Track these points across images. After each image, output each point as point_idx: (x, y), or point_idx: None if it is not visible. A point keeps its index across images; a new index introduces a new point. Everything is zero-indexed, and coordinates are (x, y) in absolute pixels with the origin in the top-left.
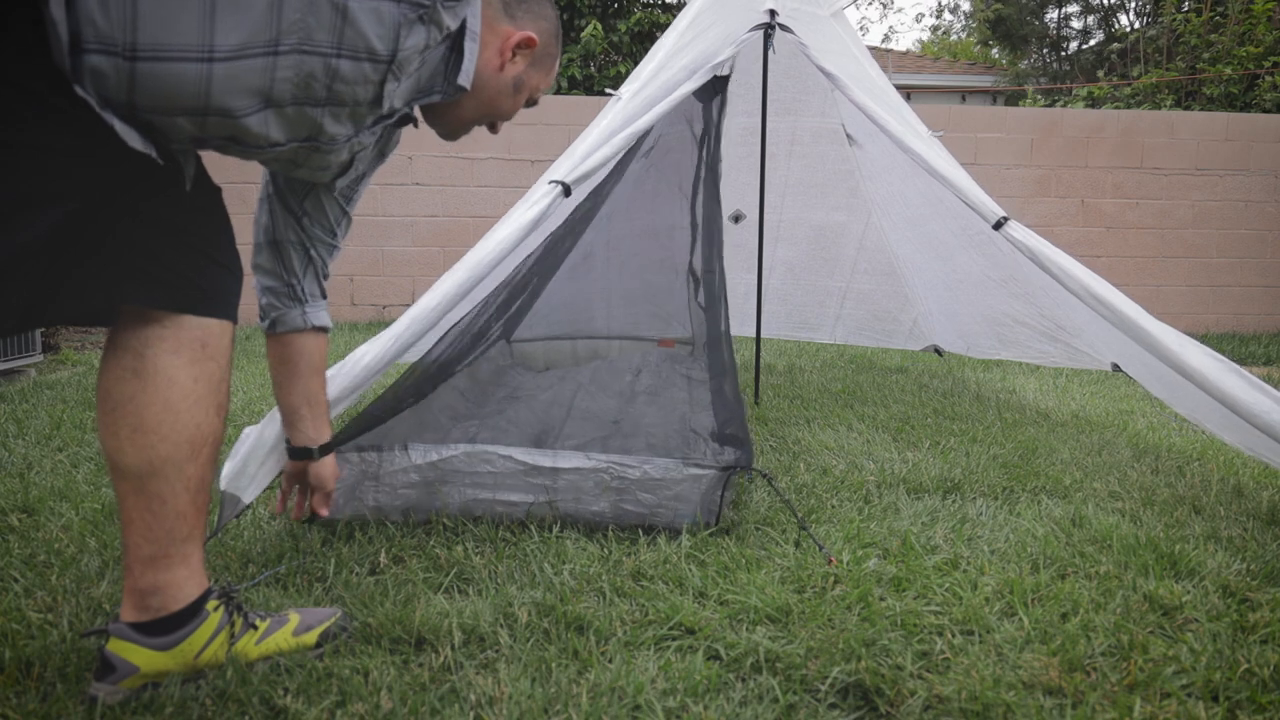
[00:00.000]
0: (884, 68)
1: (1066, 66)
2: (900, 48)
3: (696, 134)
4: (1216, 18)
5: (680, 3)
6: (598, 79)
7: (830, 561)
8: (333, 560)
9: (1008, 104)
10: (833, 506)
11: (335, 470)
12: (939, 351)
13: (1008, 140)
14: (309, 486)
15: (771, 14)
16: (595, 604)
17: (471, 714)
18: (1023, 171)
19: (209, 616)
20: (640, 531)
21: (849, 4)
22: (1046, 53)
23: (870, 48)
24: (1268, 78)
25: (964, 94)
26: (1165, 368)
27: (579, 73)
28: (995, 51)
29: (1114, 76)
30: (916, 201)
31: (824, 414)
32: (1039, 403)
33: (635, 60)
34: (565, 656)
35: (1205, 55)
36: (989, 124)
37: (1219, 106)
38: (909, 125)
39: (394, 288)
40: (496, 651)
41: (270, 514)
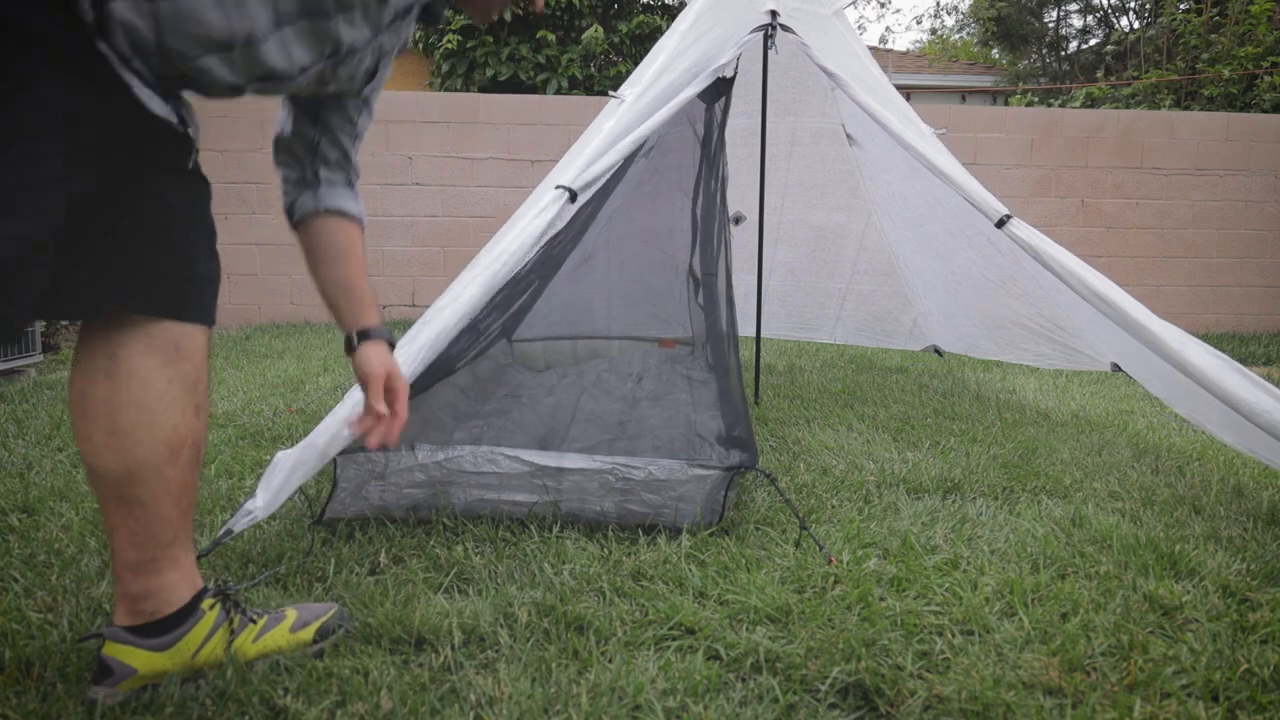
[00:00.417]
0: (884, 68)
1: (1066, 66)
2: (900, 48)
3: (699, 135)
4: (1216, 18)
5: (680, 4)
6: (598, 79)
7: (830, 561)
8: (333, 560)
9: (1006, 104)
10: (833, 506)
11: (387, 362)
12: (939, 352)
13: (1008, 140)
14: (368, 403)
15: (773, 14)
16: (595, 604)
17: (471, 714)
18: (1023, 171)
19: (204, 615)
20: (640, 531)
21: (849, 3)
22: (1046, 53)
23: (870, 48)
24: (1267, 78)
25: (964, 94)
26: (1166, 366)
27: (579, 73)
28: (995, 52)
29: (1113, 77)
30: (916, 202)
31: (824, 414)
32: (1039, 403)
33: (635, 60)
34: (565, 656)
35: (1205, 56)
36: (989, 124)
37: (1218, 107)
38: (911, 124)
39: (394, 288)
40: (496, 651)
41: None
